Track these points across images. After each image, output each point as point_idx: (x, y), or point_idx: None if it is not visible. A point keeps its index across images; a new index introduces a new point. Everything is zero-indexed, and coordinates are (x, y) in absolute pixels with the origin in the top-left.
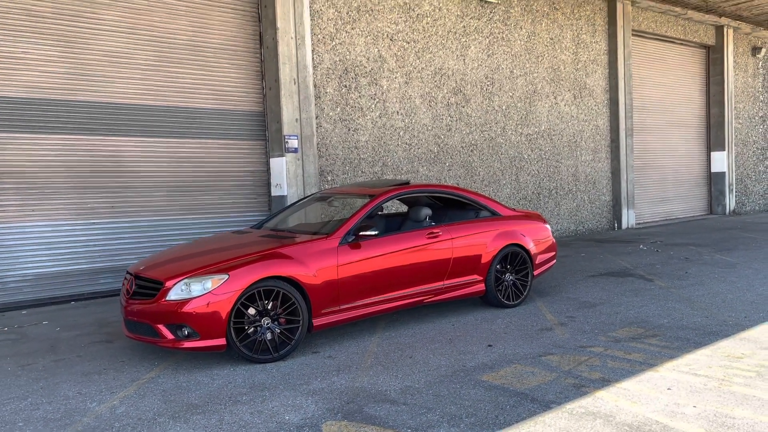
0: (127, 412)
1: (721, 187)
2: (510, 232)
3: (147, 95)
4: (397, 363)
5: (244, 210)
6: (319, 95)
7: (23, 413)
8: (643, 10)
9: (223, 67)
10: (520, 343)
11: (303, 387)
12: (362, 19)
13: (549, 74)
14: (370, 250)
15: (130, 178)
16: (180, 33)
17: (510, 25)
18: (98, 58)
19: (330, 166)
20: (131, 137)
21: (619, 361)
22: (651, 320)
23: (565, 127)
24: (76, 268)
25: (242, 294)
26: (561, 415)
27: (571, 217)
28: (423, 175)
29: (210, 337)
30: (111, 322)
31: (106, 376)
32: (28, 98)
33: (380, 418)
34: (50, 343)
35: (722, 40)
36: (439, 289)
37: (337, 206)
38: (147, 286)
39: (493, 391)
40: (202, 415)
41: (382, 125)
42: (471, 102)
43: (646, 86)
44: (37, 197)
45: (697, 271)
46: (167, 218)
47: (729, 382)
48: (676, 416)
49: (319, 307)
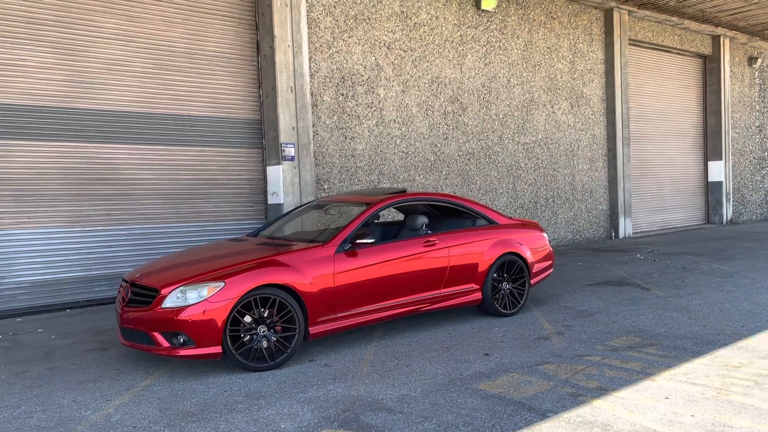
0: (123, 420)
1: (718, 196)
2: (507, 241)
3: (144, 103)
4: (394, 371)
5: (240, 218)
6: (316, 103)
7: (17, 421)
8: (640, 20)
9: (220, 75)
10: (517, 351)
11: (299, 395)
12: (359, 28)
13: (546, 83)
14: (366, 258)
15: (126, 185)
16: (177, 41)
17: (507, 34)
18: (96, 66)
19: (326, 174)
20: (128, 145)
21: (616, 370)
22: (648, 329)
23: (562, 136)
24: (72, 276)
25: (238, 302)
26: (558, 424)
27: (568, 226)
28: (420, 184)
29: (206, 345)
30: (106, 330)
31: (101, 384)
32: (24, 105)
33: (376, 426)
34: (45, 350)
35: (719, 50)
36: (435, 298)
37: (334, 214)
38: (143, 293)
39: (490, 400)
40: (197, 423)
41: (379, 134)
42: (468, 111)
43: (643, 95)
44: (33, 204)
45: (694, 280)
46: (163, 226)
47: (727, 392)
48: (674, 425)
49: (315, 315)
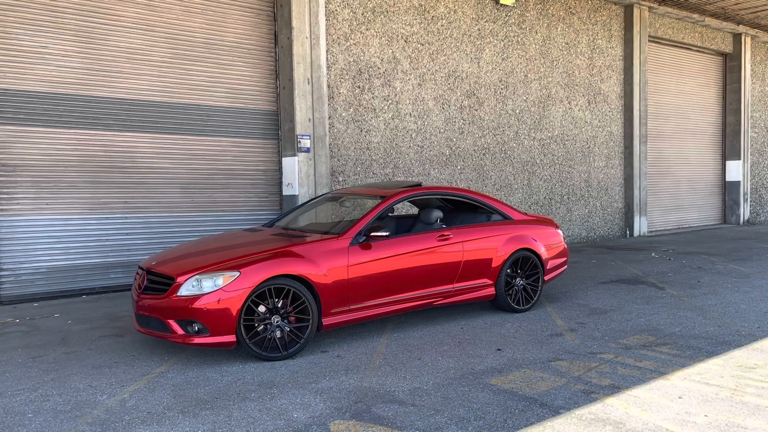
0: (137, 405)
1: (736, 196)
2: (521, 237)
3: (162, 92)
4: (406, 364)
5: (255, 208)
6: (333, 95)
7: (33, 404)
8: (661, 17)
9: (237, 66)
10: (530, 347)
11: (311, 385)
12: (377, 20)
13: (563, 79)
14: (380, 251)
15: (143, 174)
16: (196, 31)
17: (525, 28)
18: (115, 54)
19: (341, 166)
20: (145, 133)
21: (629, 369)
22: (662, 328)
23: (578, 132)
24: (88, 263)
25: (253, 291)
26: (570, 420)
27: (583, 223)
28: (434, 178)
29: (220, 334)
30: (122, 317)
31: (117, 370)
32: (44, 92)
33: (388, 418)
34: (61, 335)
35: (740, 48)
36: (448, 292)
37: (348, 207)
38: (158, 281)
39: (501, 395)
40: (211, 410)
41: (395, 127)
42: (484, 105)
43: (661, 93)
44: (51, 191)
45: (709, 280)
46: (179, 215)
47: (741, 392)
48: (687, 425)
49: (328, 307)
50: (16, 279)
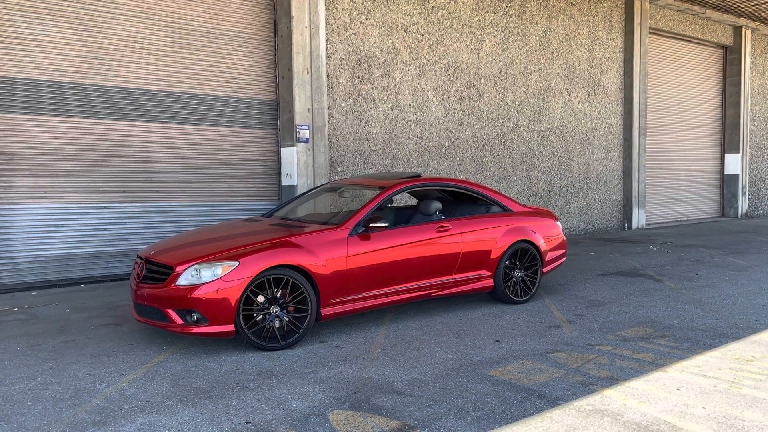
0: (136, 394)
1: (734, 189)
2: (520, 228)
3: (161, 81)
4: (404, 355)
5: (254, 198)
6: (332, 86)
7: (32, 393)
8: (661, 8)
9: (236, 55)
10: (528, 339)
11: (310, 375)
12: (377, 10)
13: (563, 71)
14: (379, 241)
15: (141, 163)
16: (195, 19)
17: (525, 19)
18: (114, 43)
19: (340, 157)
20: (144, 122)
21: (627, 360)
22: (660, 321)
23: (578, 124)
24: (87, 251)
25: (252, 281)
26: (568, 411)
27: (581, 215)
28: (433, 169)
29: (219, 323)
30: (120, 306)
31: (116, 359)
32: (42, 80)
33: (387, 408)
34: (60, 324)
35: (740, 41)
36: (447, 283)
37: (348, 197)
38: (157, 270)
39: (500, 386)
40: (209, 399)
41: (394, 117)
42: (484, 96)
43: (661, 85)
44: (49, 180)
45: (707, 273)
46: (177, 204)
47: (739, 385)
48: (685, 417)
49: (327, 297)
50: (14, 267)
